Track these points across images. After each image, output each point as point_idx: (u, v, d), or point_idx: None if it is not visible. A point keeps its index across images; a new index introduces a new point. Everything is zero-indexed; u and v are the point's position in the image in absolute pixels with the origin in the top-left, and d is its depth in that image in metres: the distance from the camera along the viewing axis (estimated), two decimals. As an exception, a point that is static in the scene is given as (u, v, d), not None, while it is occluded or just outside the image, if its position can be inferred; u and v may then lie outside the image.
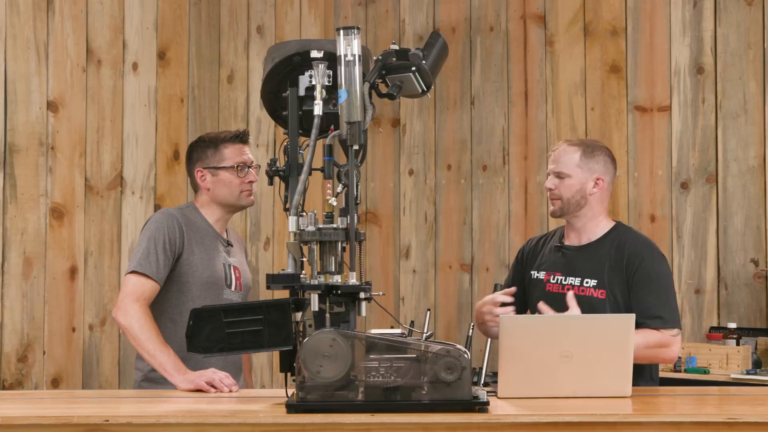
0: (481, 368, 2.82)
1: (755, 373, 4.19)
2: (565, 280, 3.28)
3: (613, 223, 3.34)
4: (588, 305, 3.17)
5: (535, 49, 5.12)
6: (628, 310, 3.16)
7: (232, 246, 3.49)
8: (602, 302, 3.20)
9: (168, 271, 3.29)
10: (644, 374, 3.22)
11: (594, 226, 3.31)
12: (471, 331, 2.93)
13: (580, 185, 3.27)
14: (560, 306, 3.14)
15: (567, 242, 3.35)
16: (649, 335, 3.12)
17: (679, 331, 3.18)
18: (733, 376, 4.20)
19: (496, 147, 5.18)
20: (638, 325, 3.05)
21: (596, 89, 4.96)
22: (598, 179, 3.28)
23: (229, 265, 3.43)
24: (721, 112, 4.69)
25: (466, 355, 2.48)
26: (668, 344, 3.14)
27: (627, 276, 3.20)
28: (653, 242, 3.34)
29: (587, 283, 3.24)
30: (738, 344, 4.36)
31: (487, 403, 2.48)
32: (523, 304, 3.39)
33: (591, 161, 3.29)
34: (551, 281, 3.30)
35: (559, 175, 3.29)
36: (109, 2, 4.60)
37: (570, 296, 3.11)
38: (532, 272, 3.39)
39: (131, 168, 4.65)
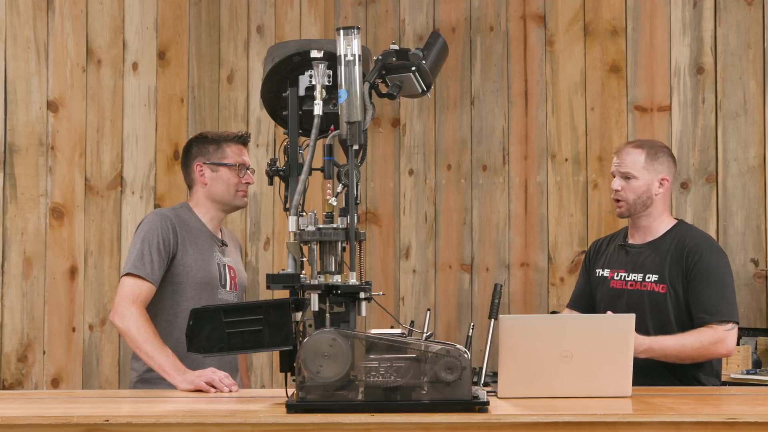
0: (481, 368, 2.82)
1: (755, 373, 4.19)
2: (628, 276, 3.40)
3: (675, 221, 3.46)
4: (650, 300, 3.33)
5: (535, 49, 5.12)
6: (686, 304, 3.30)
7: (226, 246, 3.50)
8: (663, 296, 3.33)
9: (163, 272, 3.30)
10: (704, 367, 3.34)
11: (658, 225, 3.42)
12: (471, 331, 2.93)
13: (647, 186, 3.37)
14: (620, 302, 3.34)
15: (631, 241, 3.47)
16: (702, 334, 3.24)
17: (735, 324, 3.29)
18: (733, 376, 4.20)
19: (496, 147, 5.18)
20: (694, 319, 3.29)
21: (596, 89, 4.95)
22: (662, 180, 3.39)
23: (224, 265, 3.43)
24: (721, 112, 4.69)
25: (466, 355, 2.48)
26: (722, 339, 3.25)
27: (686, 270, 3.31)
28: (713, 238, 3.50)
29: (649, 278, 3.36)
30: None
31: (487, 403, 2.48)
32: (591, 302, 3.52)
33: (655, 162, 3.39)
34: (615, 278, 3.43)
35: (626, 177, 3.38)
36: (109, 2, 4.60)
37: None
38: (597, 270, 3.51)
39: (131, 168, 4.65)
